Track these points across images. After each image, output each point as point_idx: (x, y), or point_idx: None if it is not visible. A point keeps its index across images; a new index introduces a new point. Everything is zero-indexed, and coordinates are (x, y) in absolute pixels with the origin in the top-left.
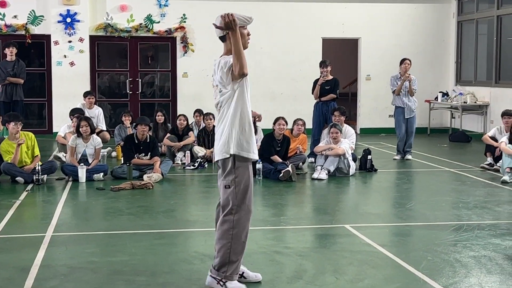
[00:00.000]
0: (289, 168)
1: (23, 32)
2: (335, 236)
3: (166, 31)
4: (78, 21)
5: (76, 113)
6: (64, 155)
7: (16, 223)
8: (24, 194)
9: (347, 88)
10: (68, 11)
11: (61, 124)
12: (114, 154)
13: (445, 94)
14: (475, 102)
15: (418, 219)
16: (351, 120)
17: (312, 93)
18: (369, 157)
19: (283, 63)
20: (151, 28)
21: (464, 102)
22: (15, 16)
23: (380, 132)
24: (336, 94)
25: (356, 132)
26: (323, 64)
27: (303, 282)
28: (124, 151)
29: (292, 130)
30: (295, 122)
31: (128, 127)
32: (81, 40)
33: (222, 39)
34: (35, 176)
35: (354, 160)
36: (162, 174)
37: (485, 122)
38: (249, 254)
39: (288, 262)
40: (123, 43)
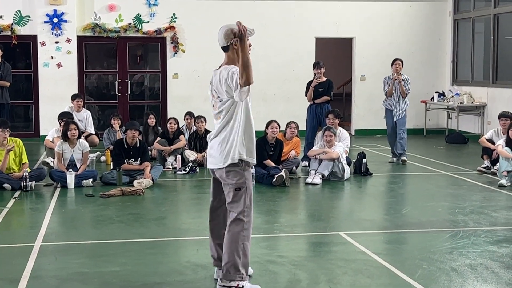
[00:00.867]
0: (282, 173)
1: (9, 33)
2: (329, 244)
3: (155, 31)
4: (65, 21)
5: (64, 117)
6: (52, 160)
7: (4, 231)
8: (12, 201)
9: (341, 88)
10: (55, 11)
11: (48, 127)
12: (103, 158)
13: (441, 95)
14: (472, 103)
15: (414, 226)
16: (346, 121)
17: (306, 95)
18: (364, 160)
19: (276, 63)
20: (140, 28)
21: (460, 103)
22: (0, 17)
23: (375, 133)
24: (330, 96)
25: (350, 134)
26: (316, 66)
27: None
28: (114, 157)
29: (285, 133)
30: (288, 125)
31: (118, 130)
32: (68, 40)
33: (225, 49)
34: (23, 183)
35: (349, 164)
36: (153, 180)
37: (482, 123)
38: None
39: (282, 272)
40: (111, 43)
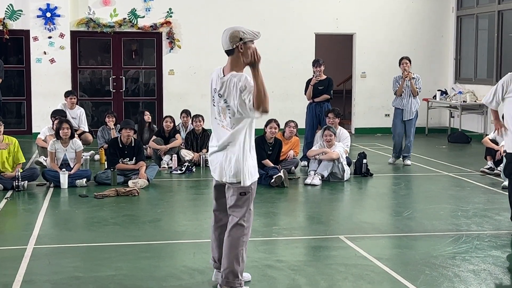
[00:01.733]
0: (281, 174)
1: (0, 28)
2: (329, 248)
3: (151, 26)
4: (59, 15)
5: (57, 115)
6: (45, 159)
7: None
8: (4, 201)
9: (341, 85)
10: (48, 5)
11: (41, 124)
12: (97, 157)
13: (443, 93)
14: (475, 101)
15: (416, 229)
16: (346, 119)
17: (305, 93)
18: (364, 161)
19: (274, 60)
20: (135, 23)
21: (463, 101)
22: None
23: (375, 132)
24: (330, 94)
25: (350, 132)
26: (316, 63)
27: None
28: (108, 156)
29: (283, 132)
30: (286, 124)
31: (112, 128)
32: (61, 35)
33: (230, 53)
34: (15, 183)
35: (349, 164)
36: (148, 180)
37: (485, 122)
38: None
39: (281, 277)
40: (106, 38)
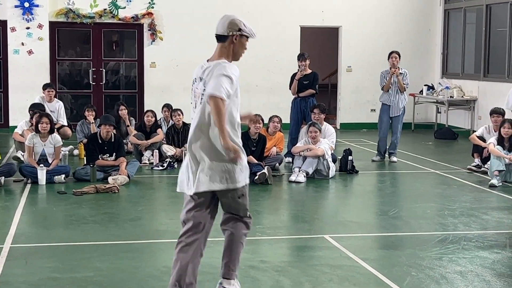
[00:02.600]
0: (265, 170)
1: None
2: (314, 248)
3: (132, 17)
4: (37, 6)
5: (36, 108)
6: (22, 154)
7: None
8: None
9: (327, 80)
10: None
11: (18, 117)
12: (76, 152)
13: (430, 88)
14: (462, 97)
15: (402, 229)
16: (331, 114)
17: (290, 88)
18: (349, 157)
19: (259, 53)
20: (116, 14)
21: (450, 97)
22: None
23: (361, 127)
24: (315, 89)
25: (335, 128)
26: (301, 57)
27: None
28: (87, 152)
29: (267, 127)
30: (270, 119)
31: (92, 123)
32: (40, 26)
33: (222, 39)
34: None
35: (334, 161)
36: (129, 176)
37: (472, 118)
38: None
39: (264, 279)
40: (85, 30)
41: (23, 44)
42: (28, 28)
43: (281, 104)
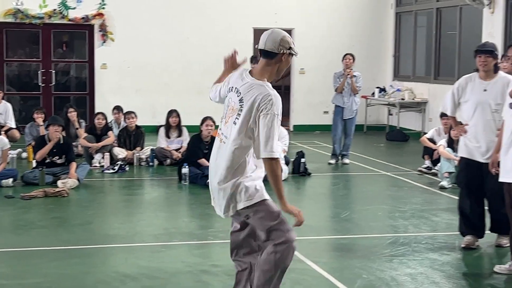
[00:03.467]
0: None
1: None
2: None
3: (82, 18)
4: None
5: None
6: None
7: None
8: None
9: (280, 81)
10: None
11: None
12: (24, 155)
13: (382, 90)
14: (413, 99)
15: (353, 231)
16: (284, 116)
17: None
18: (302, 160)
19: (212, 55)
20: (66, 14)
21: (401, 99)
22: None
23: (314, 129)
24: None
25: (288, 130)
26: (253, 60)
27: None
28: (36, 154)
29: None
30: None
31: (41, 125)
32: None
33: (269, 56)
34: None
35: (287, 163)
36: (78, 180)
37: (423, 120)
38: (173, 274)
39: (216, 283)
40: (35, 30)
41: None
42: None
43: None
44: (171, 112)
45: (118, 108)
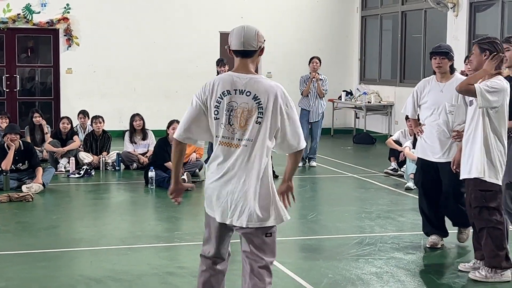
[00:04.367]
0: (184, 176)
1: None
2: (232, 253)
3: (47, 22)
4: None
5: None
6: None
7: None
8: None
9: None
10: None
11: None
12: None
13: (349, 93)
14: (380, 102)
15: (320, 232)
16: None
17: None
18: None
19: (178, 59)
20: (30, 19)
21: (368, 102)
22: None
23: None
24: None
25: None
26: (220, 63)
27: None
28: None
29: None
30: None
31: None
32: None
33: (250, 54)
34: None
35: None
36: (43, 184)
37: (389, 123)
38: (139, 276)
39: (182, 285)
40: None
41: None
42: None
43: None
44: (134, 116)
45: (83, 113)
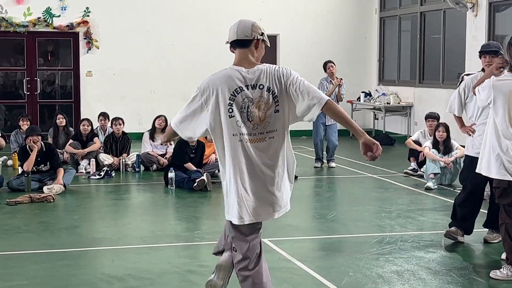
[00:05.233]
0: (204, 177)
1: None
2: None
3: (67, 25)
4: None
5: None
6: None
7: None
8: None
9: None
10: None
11: None
12: (10, 162)
13: (367, 94)
14: (399, 103)
15: (340, 231)
16: None
17: None
18: None
19: (196, 61)
20: (50, 22)
21: (387, 103)
22: None
23: (300, 134)
24: None
25: None
26: None
27: None
28: (21, 162)
29: None
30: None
31: None
32: None
33: (246, 44)
34: None
35: None
36: (64, 185)
37: (409, 124)
38: (159, 274)
39: (203, 283)
40: (19, 39)
41: None
42: None
43: None
44: (159, 116)
45: (104, 115)
